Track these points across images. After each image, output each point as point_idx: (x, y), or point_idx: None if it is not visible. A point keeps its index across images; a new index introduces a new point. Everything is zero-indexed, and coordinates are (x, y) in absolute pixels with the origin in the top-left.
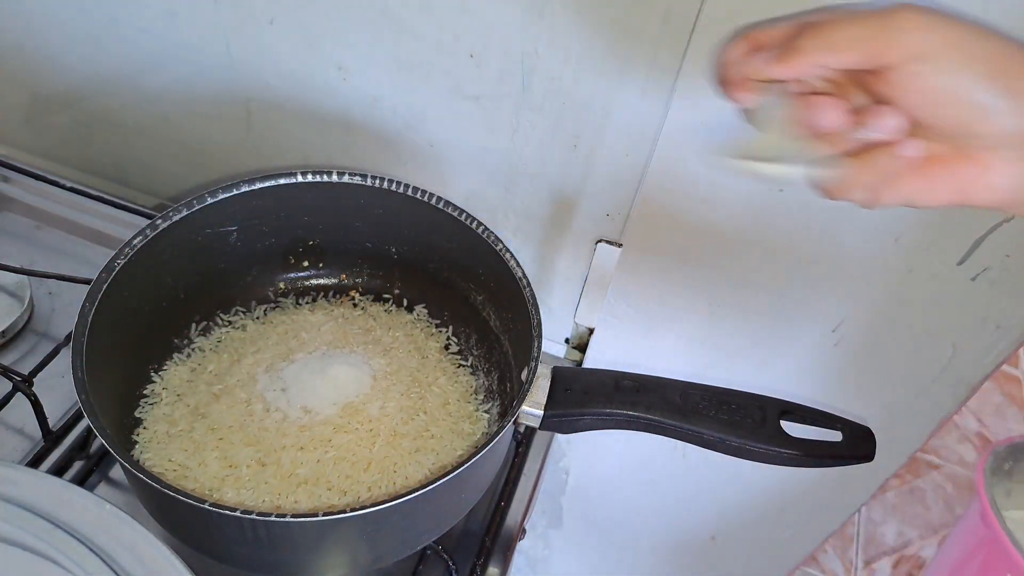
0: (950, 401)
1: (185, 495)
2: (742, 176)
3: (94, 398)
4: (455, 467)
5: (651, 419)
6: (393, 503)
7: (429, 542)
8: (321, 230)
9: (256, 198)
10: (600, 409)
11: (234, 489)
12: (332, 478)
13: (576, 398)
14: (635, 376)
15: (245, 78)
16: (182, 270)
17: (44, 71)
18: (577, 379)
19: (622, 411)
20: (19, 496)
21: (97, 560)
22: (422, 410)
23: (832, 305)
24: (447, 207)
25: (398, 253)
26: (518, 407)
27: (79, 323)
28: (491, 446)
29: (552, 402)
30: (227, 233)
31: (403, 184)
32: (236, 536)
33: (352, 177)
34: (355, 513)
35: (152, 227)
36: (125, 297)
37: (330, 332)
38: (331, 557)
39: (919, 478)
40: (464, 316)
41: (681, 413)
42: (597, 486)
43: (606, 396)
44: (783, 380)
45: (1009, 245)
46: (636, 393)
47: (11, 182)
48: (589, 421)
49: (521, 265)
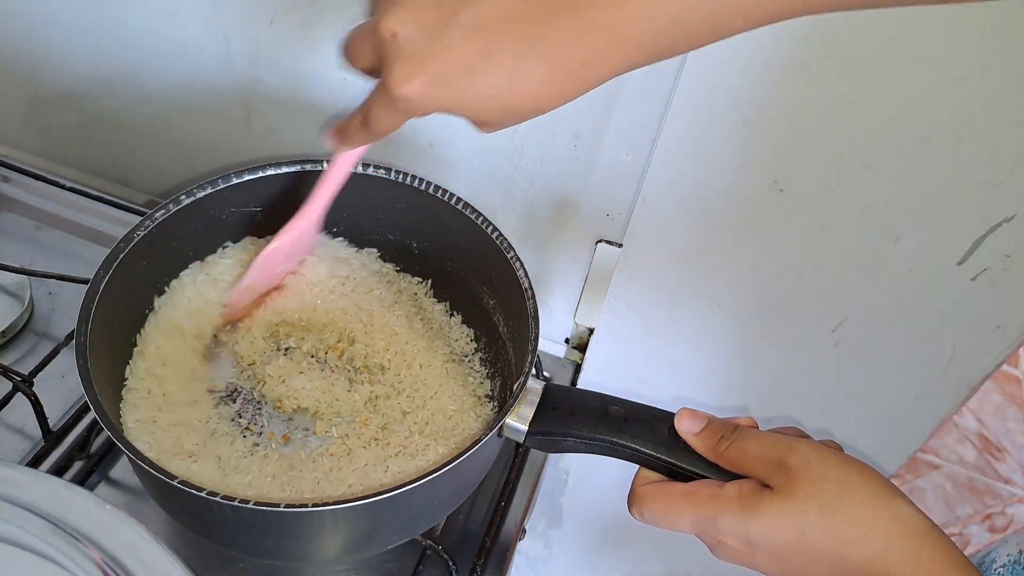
0: (950, 401)
1: (191, 486)
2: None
3: (96, 385)
4: (423, 475)
5: (636, 450)
6: (355, 503)
7: (399, 543)
8: (345, 218)
9: (282, 182)
10: (585, 432)
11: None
12: (314, 470)
13: (562, 418)
14: (626, 403)
15: (245, 78)
16: (205, 246)
17: (44, 71)
18: (567, 399)
19: (607, 438)
20: (19, 496)
21: (97, 560)
22: (422, 408)
23: (832, 305)
24: (465, 208)
25: (419, 248)
26: (502, 419)
27: (90, 291)
28: (462, 459)
29: (538, 419)
30: (253, 213)
31: (425, 181)
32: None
33: (377, 170)
34: (316, 509)
35: (176, 202)
36: (140, 270)
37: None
38: (306, 545)
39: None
40: (476, 318)
41: (668, 448)
42: (597, 486)
43: (593, 420)
44: (783, 380)
45: (1009, 245)
46: (624, 421)
47: (11, 182)
48: (572, 443)
49: (529, 276)
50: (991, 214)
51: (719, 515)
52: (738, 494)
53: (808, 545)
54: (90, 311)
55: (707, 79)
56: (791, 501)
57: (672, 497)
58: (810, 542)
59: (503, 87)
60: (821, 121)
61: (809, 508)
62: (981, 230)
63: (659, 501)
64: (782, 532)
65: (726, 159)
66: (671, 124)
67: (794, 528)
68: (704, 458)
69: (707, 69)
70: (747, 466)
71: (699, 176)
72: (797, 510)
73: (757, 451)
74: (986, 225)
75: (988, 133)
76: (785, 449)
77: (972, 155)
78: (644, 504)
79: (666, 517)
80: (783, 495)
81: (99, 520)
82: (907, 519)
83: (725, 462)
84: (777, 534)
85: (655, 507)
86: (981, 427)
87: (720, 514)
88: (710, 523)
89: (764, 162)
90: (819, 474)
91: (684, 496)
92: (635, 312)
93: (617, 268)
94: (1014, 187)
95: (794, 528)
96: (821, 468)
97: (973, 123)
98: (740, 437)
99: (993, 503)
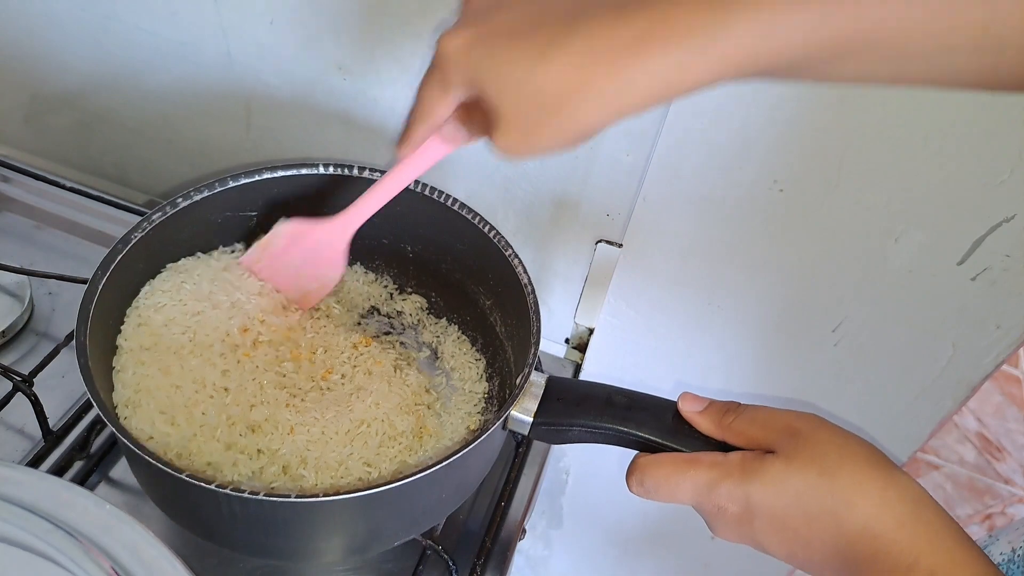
0: (950, 401)
1: (195, 478)
2: None
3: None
4: (428, 466)
5: (641, 437)
6: (365, 493)
7: (403, 540)
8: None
9: (277, 186)
10: (590, 422)
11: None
12: (315, 470)
13: (567, 409)
14: (629, 392)
15: (245, 78)
16: (200, 249)
17: (44, 71)
18: (571, 390)
19: (612, 426)
20: (19, 496)
21: (97, 560)
22: (421, 406)
23: (832, 305)
24: (461, 208)
25: (413, 252)
26: (507, 410)
27: (88, 291)
28: (467, 450)
29: (543, 410)
30: (247, 218)
31: (419, 183)
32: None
33: (372, 173)
34: (327, 499)
35: (172, 205)
36: (138, 272)
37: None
38: (307, 544)
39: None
40: (473, 319)
41: (672, 434)
42: (597, 486)
43: (598, 409)
44: (783, 380)
45: (1009, 245)
46: (628, 410)
47: (11, 182)
48: (578, 433)
49: (528, 272)
50: (991, 214)
51: (721, 480)
52: (741, 459)
53: (807, 505)
54: (89, 311)
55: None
56: (794, 463)
57: (673, 464)
58: (809, 502)
59: (534, 60)
60: (821, 121)
61: (810, 470)
62: (981, 230)
63: (660, 468)
64: (782, 495)
65: (726, 159)
66: (671, 124)
67: (794, 488)
68: (709, 442)
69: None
70: (754, 435)
71: (699, 176)
72: (798, 471)
73: (766, 419)
74: (986, 225)
75: (988, 133)
76: (793, 416)
77: (972, 155)
78: (645, 472)
79: (667, 483)
80: (786, 457)
81: (99, 520)
82: (905, 486)
83: (732, 435)
84: (777, 497)
85: (656, 474)
86: (981, 427)
87: (722, 479)
88: (711, 488)
89: (764, 162)
90: (824, 439)
91: (686, 462)
92: (635, 312)
93: (617, 268)
94: (1014, 187)
95: (794, 488)
96: (827, 435)
97: (973, 123)
98: (747, 409)
99: (993, 503)
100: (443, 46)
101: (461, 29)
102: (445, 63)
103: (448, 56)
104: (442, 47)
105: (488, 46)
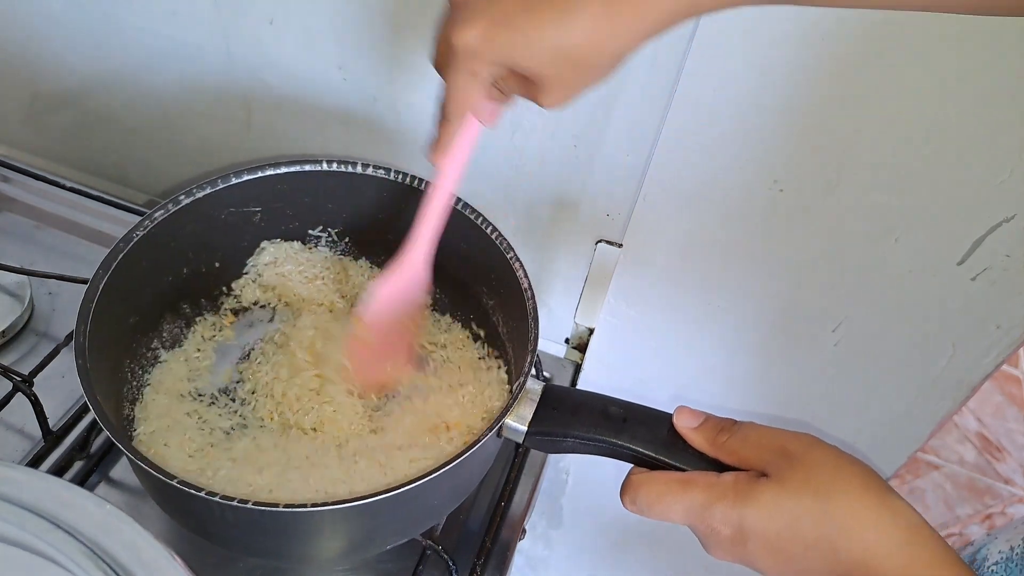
0: (950, 401)
1: (188, 484)
2: None
3: (95, 378)
4: (422, 475)
5: (635, 451)
6: (355, 503)
7: (399, 543)
8: (345, 219)
9: (281, 182)
10: (584, 433)
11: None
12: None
13: (562, 418)
14: (626, 404)
15: (245, 78)
16: (204, 246)
17: (44, 71)
18: (567, 399)
19: (606, 438)
20: (19, 496)
21: (97, 560)
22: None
23: (832, 305)
24: (464, 209)
25: None
26: (501, 419)
27: (89, 291)
28: (462, 459)
29: (538, 419)
30: (251, 213)
31: (424, 181)
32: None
33: (376, 170)
34: (315, 509)
35: (175, 202)
36: (139, 270)
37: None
38: (305, 546)
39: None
40: (477, 320)
41: (667, 449)
42: (597, 487)
43: (593, 420)
44: (783, 380)
45: (1009, 245)
46: (623, 422)
47: (11, 182)
48: (572, 444)
49: (528, 276)
50: (991, 214)
51: (714, 502)
52: (734, 481)
53: (801, 531)
54: (89, 311)
55: (707, 80)
56: (788, 486)
57: (667, 484)
58: (803, 528)
59: (560, 23)
60: (821, 121)
61: (804, 494)
62: (981, 230)
63: (654, 487)
64: (775, 519)
65: (726, 159)
66: (671, 124)
67: (789, 514)
68: (703, 459)
69: (707, 70)
70: (747, 455)
71: (699, 176)
72: (792, 496)
73: (759, 439)
74: (986, 225)
75: (988, 133)
76: (787, 437)
77: (972, 155)
78: (639, 491)
79: (659, 503)
80: (780, 481)
81: (99, 520)
82: (899, 511)
83: (725, 453)
84: (771, 521)
85: (649, 493)
86: (981, 427)
87: (715, 501)
88: (704, 510)
89: (764, 162)
90: (817, 460)
91: (679, 483)
92: (635, 312)
93: (617, 268)
94: (1014, 187)
95: (789, 514)
96: (820, 456)
97: (973, 123)
98: (741, 428)
99: (993, 503)
100: (459, 41)
101: (470, 22)
102: (470, 55)
103: (470, 48)
104: (459, 42)
105: (509, 27)
